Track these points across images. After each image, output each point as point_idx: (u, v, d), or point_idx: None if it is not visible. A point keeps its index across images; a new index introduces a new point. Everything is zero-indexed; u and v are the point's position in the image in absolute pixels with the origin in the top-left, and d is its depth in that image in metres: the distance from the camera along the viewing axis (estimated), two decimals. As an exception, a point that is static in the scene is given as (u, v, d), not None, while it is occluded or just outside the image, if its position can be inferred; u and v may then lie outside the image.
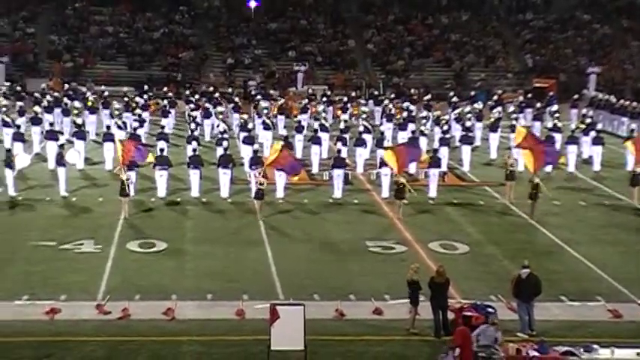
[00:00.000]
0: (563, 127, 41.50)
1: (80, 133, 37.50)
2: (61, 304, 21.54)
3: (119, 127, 38.96)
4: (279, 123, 44.44)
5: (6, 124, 39.43)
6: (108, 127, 37.78)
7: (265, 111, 43.50)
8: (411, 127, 41.16)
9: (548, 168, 36.31)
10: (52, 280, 23.46)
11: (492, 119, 42.34)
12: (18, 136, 36.84)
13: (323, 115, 43.43)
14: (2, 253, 25.51)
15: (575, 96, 51.38)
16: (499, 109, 45.43)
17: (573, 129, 40.24)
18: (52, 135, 36.57)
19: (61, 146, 33.59)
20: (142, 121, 40.54)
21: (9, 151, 32.86)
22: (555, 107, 45.76)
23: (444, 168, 35.28)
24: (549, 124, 41.09)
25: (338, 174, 32.64)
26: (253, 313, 21.06)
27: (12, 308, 21.33)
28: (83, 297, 22.18)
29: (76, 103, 45.03)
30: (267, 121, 41.17)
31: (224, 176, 32.24)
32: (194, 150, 33.26)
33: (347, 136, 37.94)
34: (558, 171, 36.99)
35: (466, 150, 38.18)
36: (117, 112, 42.92)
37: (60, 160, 32.15)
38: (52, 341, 19.55)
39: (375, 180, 34.73)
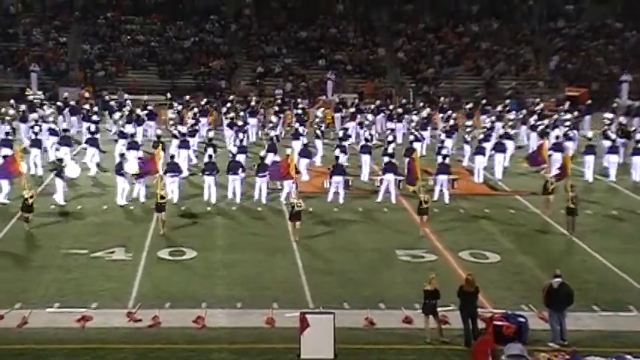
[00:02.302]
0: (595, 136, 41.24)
1: (133, 143, 37.48)
2: (92, 311, 21.69)
3: (174, 137, 39.15)
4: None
5: (53, 133, 39.76)
6: (158, 137, 38.24)
7: (317, 119, 43.99)
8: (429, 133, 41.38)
9: (589, 177, 36.80)
10: (84, 287, 23.63)
11: (542, 126, 42.71)
12: (65, 140, 37.80)
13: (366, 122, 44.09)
14: (35, 261, 25.77)
15: (614, 104, 51.08)
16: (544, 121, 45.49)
17: (614, 138, 39.60)
18: (66, 141, 38.02)
19: (122, 155, 33.66)
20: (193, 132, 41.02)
21: (60, 160, 33.06)
22: (610, 115, 45.92)
23: (477, 175, 35.46)
24: (589, 134, 40.67)
25: (337, 181, 32.91)
26: (283, 322, 21.06)
27: (44, 316, 21.50)
28: (114, 305, 22.32)
29: (117, 115, 45.13)
30: (317, 131, 41.38)
31: (232, 182, 32.73)
32: (209, 157, 33.73)
33: (346, 144, 37.94)
34: (598, 182, 36.90)
35: (499, 158, 37.86)
36: (171, 122, 43.20)
37: (119, 170, 32.27)
38: (83, 349, 19.69)
39: (378, 186, 34.62)
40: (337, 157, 34.37)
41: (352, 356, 19.25)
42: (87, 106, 46.27)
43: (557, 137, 40.44)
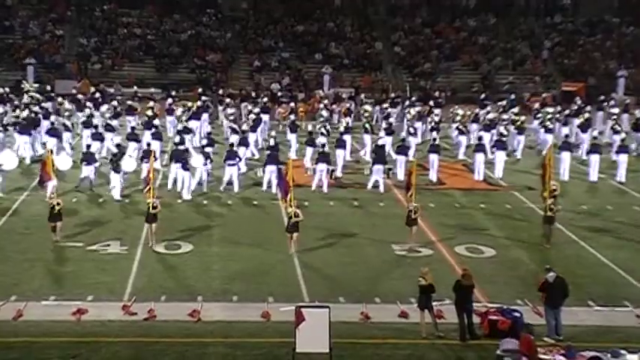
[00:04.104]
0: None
1: (156, 134, 38.07)
2: (87, 304, 21.69)
3: (234, 132, 39.14)
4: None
5: (110, 129, 39.60)
6: (133, 129, 38.73)
7: (367, 114, 44.39)
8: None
9: (594, 178, 36.33)
10: (79, 280, 23.64)
11: (583, 119, 43.00)
12: (96, 132, 38.01)
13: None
14: (31, 254, 25.74)
15: (627, 101, 51.04)
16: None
17: (623, 138, 39.10)
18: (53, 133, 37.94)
19: (186, 151, 33.85)
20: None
21: (115, 155, 32.94)
22: None
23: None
24: (595, 132, 40.23)
25: (271, 170, 33.51)
26: (279, 316, 21.08)
27: (40, 309, 21.49)
28: (110, 298, 22.33)
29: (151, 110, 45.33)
30: (367, 125, 41.54)
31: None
32: (231, 145, 34.95)
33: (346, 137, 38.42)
34: (601, 180, 36.79)
35: (500, 155, 37.28)
36: (231, 118, 43.16)
37: (184, 165, 32.40)
38: (78, 341, 19.69)
39: (311, 174, 35.19)
40: (272, 147, 35.01)
41: (347, 350, 19.27)
42: (114, 103, 46.34)
43: (567, 136, 39.55)
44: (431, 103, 48.36)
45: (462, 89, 59.06)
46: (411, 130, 41.20)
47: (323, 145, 35.55)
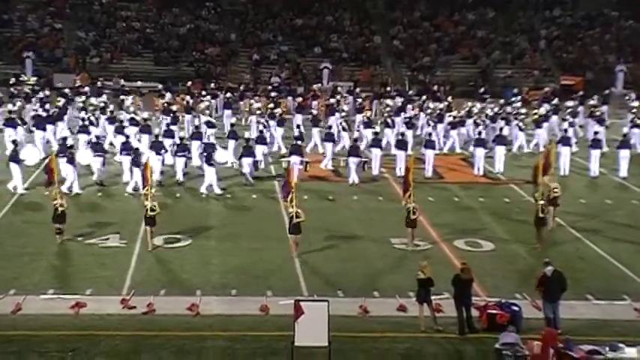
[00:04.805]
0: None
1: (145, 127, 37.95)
2: (86, 298, 21.71)
3: (264, 126, 39.06)
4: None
5: (134, 123, 39.02)
6: (121, 121, 38.76)
7: (388, 109, 43.82)
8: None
9: (595, 172, 36.19)
10: (78, 274, 23.67)
11: (599, 113, 43.21)
12: (84, 129, 37.54)
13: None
14: (30, 248, 25.75)
15: (630, 96, 50.97)
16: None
17: (625, 133, 38.83)
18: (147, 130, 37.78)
19: (212, 145, 33.98)
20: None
21: (137, 149, 32.84)
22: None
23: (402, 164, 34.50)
24: (596, 126, 40.03)
25: (248, 162, 33.90)
26: (277, 309, 21.11)
27: (38, 302, 21.52)
28: (108, 291, 22.35)
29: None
30: (388, 120, 41.25)
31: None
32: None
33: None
34: (603, 176, 36.68)
35: (500, 150, 37.15)
36: (259, 112, 42.63)
37: (208, 160, 32.40)
38: (77, 335, 19.73)
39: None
40: (249, 139, 34.99)
41: (346, 344, 19.30)
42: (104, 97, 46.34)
43: (565, 130, 39.21)
44: (449, 98, 48.21)
45: (461, 83, 59.02)
46: (431, 122, 41.34)
47: (297, 138, 35.90)
